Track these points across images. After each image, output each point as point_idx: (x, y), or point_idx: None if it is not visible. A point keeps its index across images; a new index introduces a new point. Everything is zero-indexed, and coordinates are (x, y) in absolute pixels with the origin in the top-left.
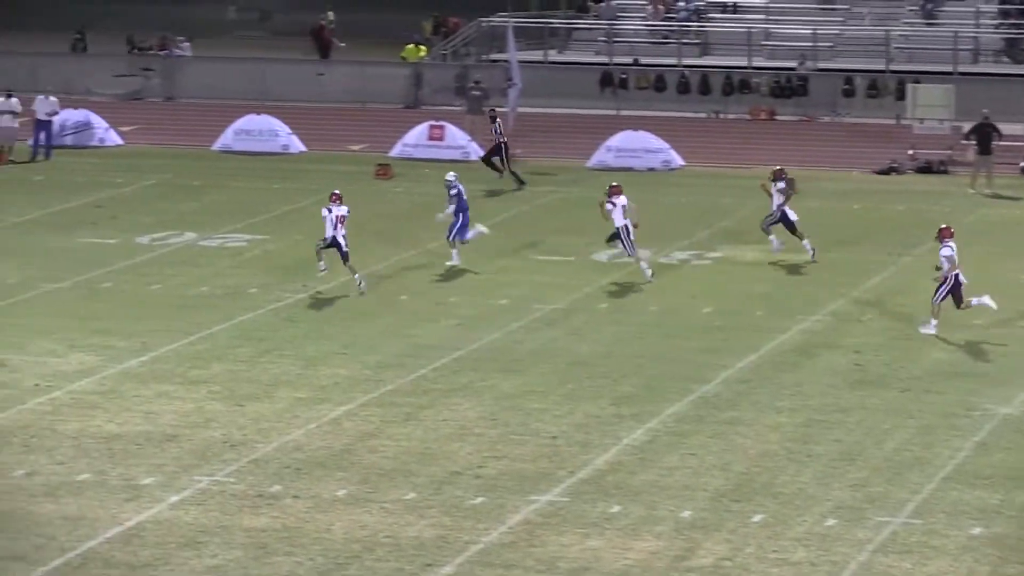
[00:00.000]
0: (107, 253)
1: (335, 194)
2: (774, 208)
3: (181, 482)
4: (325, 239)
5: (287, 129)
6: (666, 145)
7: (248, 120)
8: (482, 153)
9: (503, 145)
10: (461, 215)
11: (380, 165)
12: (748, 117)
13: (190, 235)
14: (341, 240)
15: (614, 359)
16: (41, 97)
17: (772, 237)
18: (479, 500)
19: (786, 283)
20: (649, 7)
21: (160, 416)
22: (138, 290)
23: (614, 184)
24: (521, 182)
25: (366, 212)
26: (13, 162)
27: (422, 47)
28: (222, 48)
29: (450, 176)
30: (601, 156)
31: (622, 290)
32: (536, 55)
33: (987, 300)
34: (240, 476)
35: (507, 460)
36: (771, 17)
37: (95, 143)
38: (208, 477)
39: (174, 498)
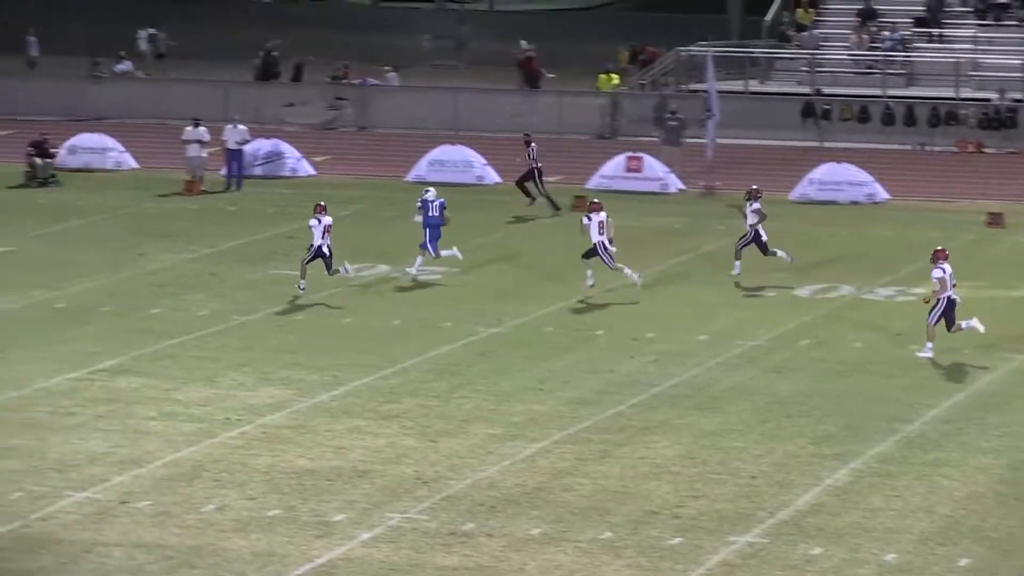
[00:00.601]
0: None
1: (320, 205)
2: (748, 228)
3: (373, 519)
4: (311, 248)
5: (482, 160)
6: (870, 178)
7: (442, 150)
8: (681, 185)
9: (536, 170)
10: (429, 229)
11: (577, 197)
12: (955, 150)
13: (383, 267)
14: (326, 250)
15: (815, 397)
16: (231, 126)
17: (738, 262)
18: (676, 540)
19: (993, 320)
20: (852, 36)
21: (352, 451)
22: (330, 323)
23: (594, 201)
24: (556, 207)
25: (562, 245)
26: (206, 192)
27: (614, 76)
28: (417, 77)
29: (427, 192)
30: (803, 189)
31: (824, 326)
32: (736, 85)
33: (975, 323)
34: (432, 513)
35: (705, 500)
36: (979, 47)
37: (286, 173)
38: (400, 514)
39: (366, 535)
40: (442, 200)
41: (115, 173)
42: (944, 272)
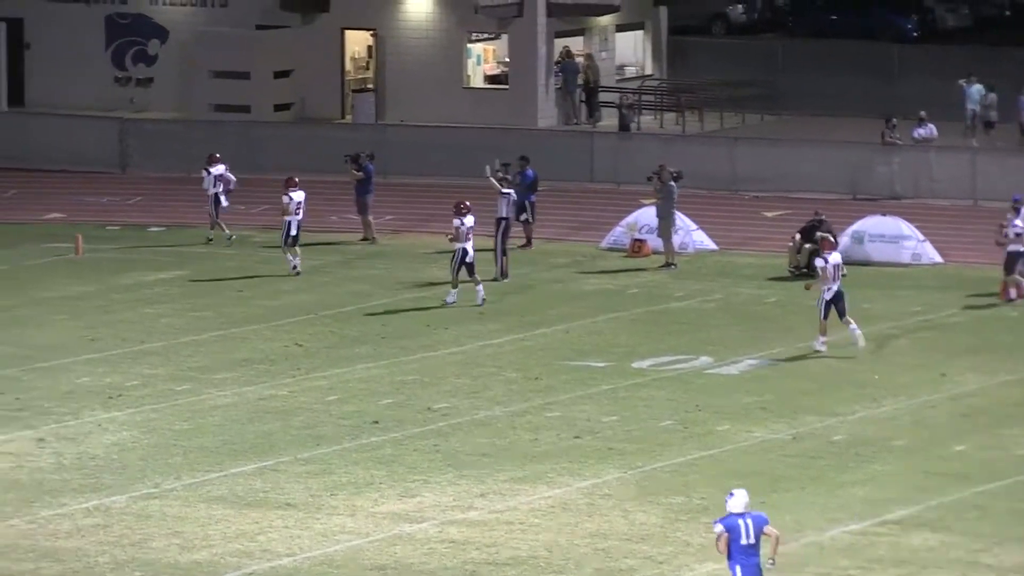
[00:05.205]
0: None
1: (463, 204)
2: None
3: None
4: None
5: None
6: None
7: None
8: None
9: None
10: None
11: None
12: None
13: None
14: (471, 250)
15: None
16: None
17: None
18: None
19: None
20: None
21: None
22: None
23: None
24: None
25: None
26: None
27: None
28: None
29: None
30: None
31: None
32: None
33: (858, 336)
34: None
35: None
36: None
37: None
38: None
39: None
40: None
41: (911, 268)
42: (826, 262)
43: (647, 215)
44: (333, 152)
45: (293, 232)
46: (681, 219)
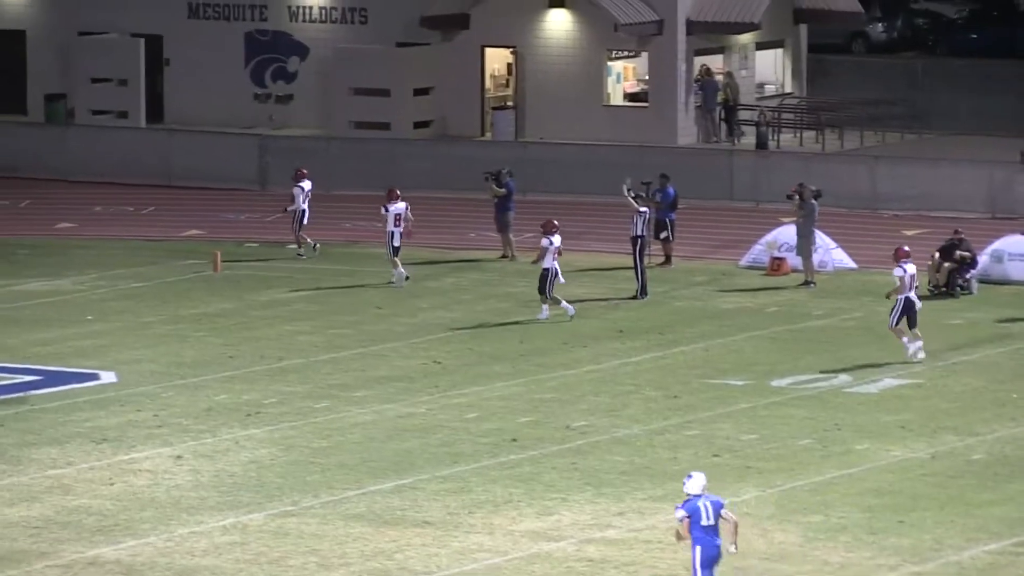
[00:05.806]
0: None
1: (552, 223)
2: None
3: None
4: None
5: None
6: None
7: None
8: None
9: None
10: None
11: None
12: None
13: None
14: (559, 268)
15: None
16: None
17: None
18: None
19: None
20: None
21: None
22: None
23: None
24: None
25: None
26: None
27: None
28: None
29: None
30: None
31: None
32: None
33: (916, 349)
34: None
35: None
36: None
37: None
38: None
39: None
40: None
41: None
42: (904, 272)
43: (787, 233)
44: (473, 169)
45: (396, 243)
46: (821, 237)
